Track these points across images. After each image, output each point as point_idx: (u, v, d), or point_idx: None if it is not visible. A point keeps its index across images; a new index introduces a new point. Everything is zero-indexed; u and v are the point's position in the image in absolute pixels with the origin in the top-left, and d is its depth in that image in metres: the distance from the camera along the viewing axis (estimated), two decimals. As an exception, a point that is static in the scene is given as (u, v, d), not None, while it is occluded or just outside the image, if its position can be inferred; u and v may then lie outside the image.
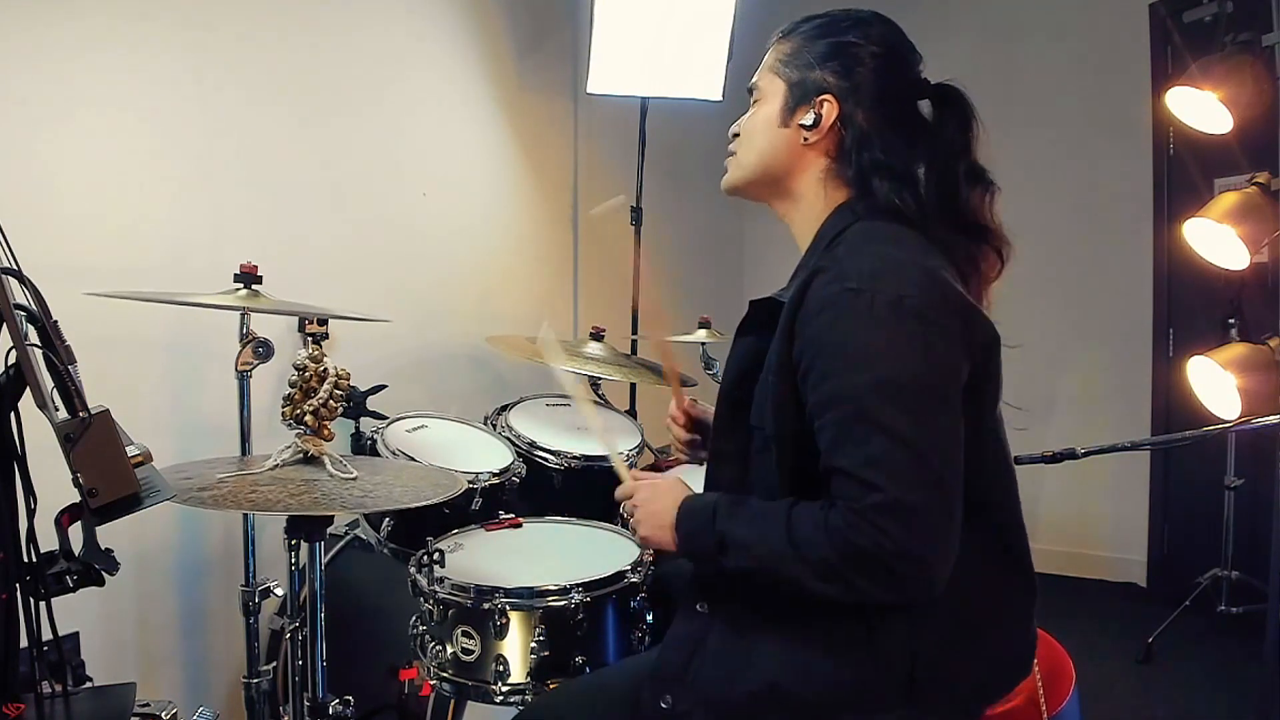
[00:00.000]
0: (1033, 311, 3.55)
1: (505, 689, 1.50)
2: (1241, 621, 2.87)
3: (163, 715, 1.13)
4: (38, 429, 0.95)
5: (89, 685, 1.11)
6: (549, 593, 1.52)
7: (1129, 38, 3.54)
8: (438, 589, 1.56)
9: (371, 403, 2.23)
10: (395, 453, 1.90)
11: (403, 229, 2.75)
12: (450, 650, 1.54)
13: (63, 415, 0.93)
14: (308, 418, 1.40)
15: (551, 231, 3.39)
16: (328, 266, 2.48)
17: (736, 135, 1.29)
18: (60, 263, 1.84)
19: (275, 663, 1.92)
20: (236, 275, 1.74)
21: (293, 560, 1.66)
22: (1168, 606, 2.97)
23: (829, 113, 1.17)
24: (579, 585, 1.52)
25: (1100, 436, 1.87)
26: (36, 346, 0.94)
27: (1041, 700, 1.28)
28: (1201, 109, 2.68)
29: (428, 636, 1.58)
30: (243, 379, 1.81)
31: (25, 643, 0.99)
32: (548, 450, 2.12)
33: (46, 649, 1.01)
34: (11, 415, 0.95)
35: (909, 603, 1.03)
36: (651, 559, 1.65)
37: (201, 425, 2.16)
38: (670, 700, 1.14)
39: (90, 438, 0.92)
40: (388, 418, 2.10)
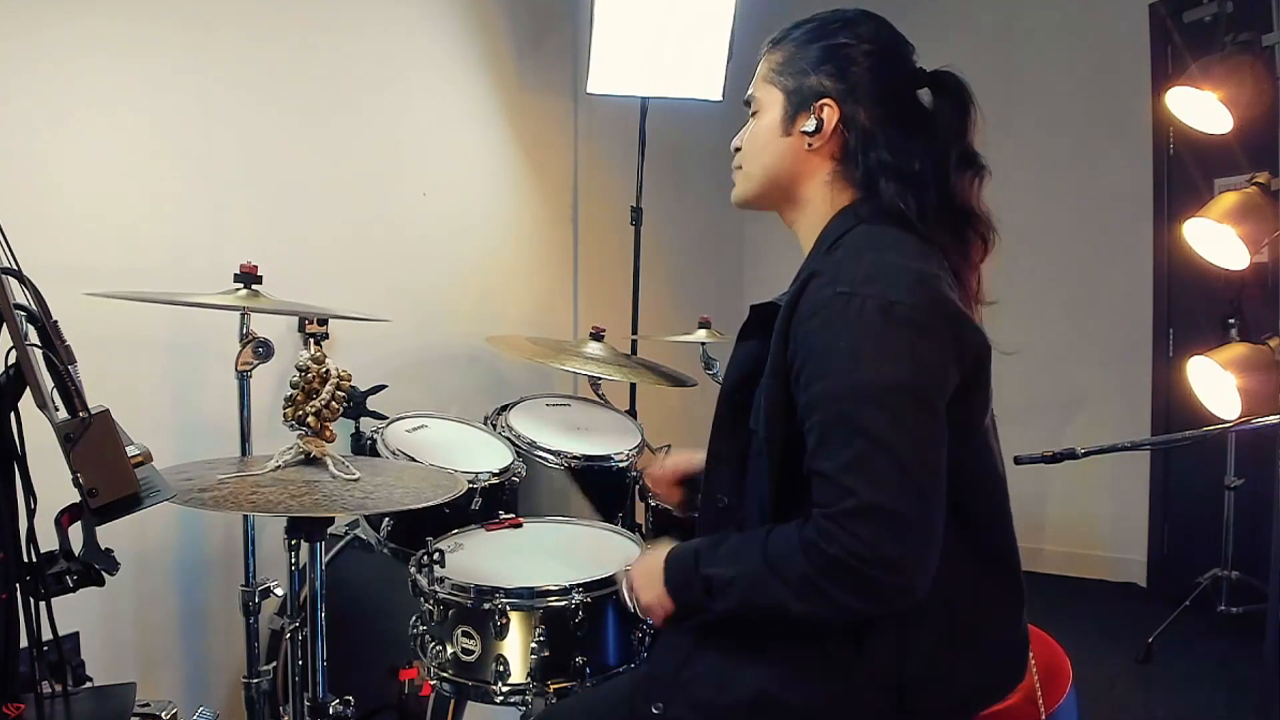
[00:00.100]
0: (1033, 311, 3.56)
1: (505, 689, 1.50)
2: (1241, 621, 2.87)
3: (163, 715, 1.13)
4: (38, 429, 0.95)
5: (89, 685, 1.11)
6: (549, 593, 1.52)
7: (1129, 38, 3.54)
8: (438, 589, 1.56)
9: (371, 403, 2.23)
10: (395, 453, 1.90)
11: (403, 229, 2.74)
12: (450, 650, 1.54)
13: (63, 415, 0.93)
14: (310, 419, 1.40)
15: (551, 231, 3.39)
16: (328, 266, 2.48)
17: (739, 150, 1.28)
18: (60, 263, 1.85)
19: (275, 663, 1.92)
20: (236, 275, 1.74)
21: (293, 560, 1.66)
22: (1168, 606, 2.97)
23: (830, 117, 1.17)
24: (579, 585, 1.52)
25: (1100, 436, 1.87)
26: (36, 346, 0.94)
27: (1039, 698, 1.28)
28: (1201, 109, 2.68)
29: (428, 636, 1.58)
30: (243, 379, 1.81)
31: (25, 643, 0.99)
32: (548, 450, 2.12)
33: (46, 649, 1.00)
34: (11, 415, 0.95)
35: (891, 611, 1.02)
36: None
37: (201, 425, 2.16)
38: (662, 706, 1.14)
39: (90, 438, 0.92)
40: (388, 418, 2.10)
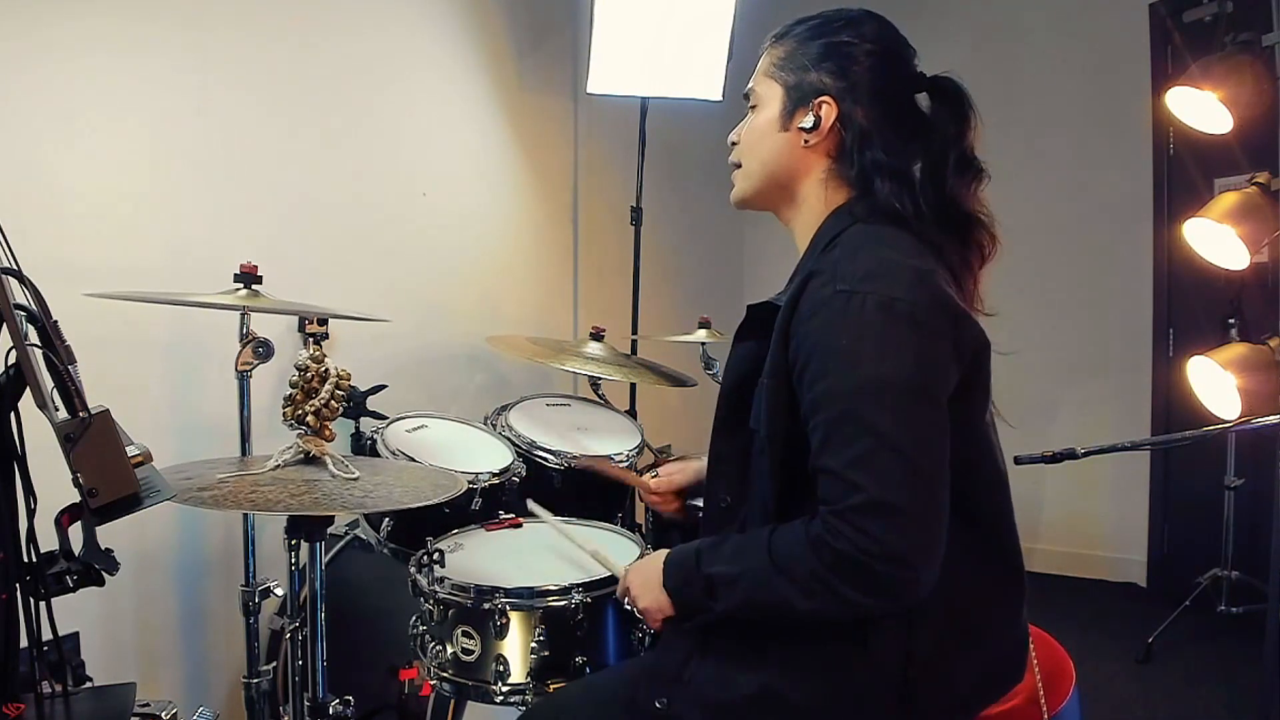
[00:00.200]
0: (1033, 311, 3.56)
1: (505, 689, 1.50)
2: (1241, 621, 2.87)
3: (163, 715, 1.13)
4: (38, 429, 0.95)
5: (89, 685, 1.11)
6: (549, 593, 1.52)
7: (1129, 38, 3.54)
8: (438, 589, 1.56)
9: (371, 403, 2.23)
10: (395, 453, 1.90)
11: (402, 229, 2.74)
12: (450, 650, 1.54)
13: (63, 415, 0.93)
14: (309, 418, 1.40)
15: (551, 231, 3.39)
16: (327, 266, 2.48)
17: (735, 144, 1.28)
18: (60, 263, 1.85)
19: (275, 663, 1.92)
20: (236, 275, 1.74)
21: (293, 560, 1.66)
22: (1168, 606, 2.97)
23: (828, 114, 1.17)
24: (579, 585, 1.52)
25: (1100, 436, 1.87)
26: (36, 346, 0.94)
27: (1042, 700, 1.28)
28: (1201, 109, 2.68)
29: (428, 636, 1.58)
30: (243, 379, 1.81)
31: (25, 643, 0.99)
32: (548, 450, 2.12)
33: (46, 649, 1.00)
34: (11, 415, 0.95)
35: (898, 607, 1.02)
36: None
37: (201, 425, 2.16)
38: (666, 701, 1.14)
39: (90, 438, 0.92)
40: (388, 418, 2.10)
